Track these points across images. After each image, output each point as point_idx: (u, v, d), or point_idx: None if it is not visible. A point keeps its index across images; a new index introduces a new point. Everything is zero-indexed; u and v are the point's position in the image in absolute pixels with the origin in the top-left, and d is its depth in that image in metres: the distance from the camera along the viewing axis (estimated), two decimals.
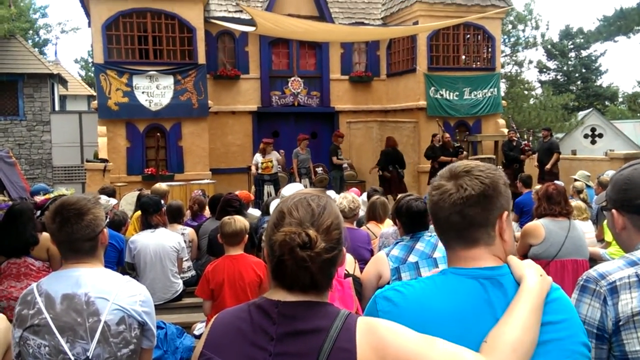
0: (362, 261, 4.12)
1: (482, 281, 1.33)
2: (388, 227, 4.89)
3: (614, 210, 1.61)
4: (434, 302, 1.32)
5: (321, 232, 1.27)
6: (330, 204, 1.35)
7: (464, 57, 15.01)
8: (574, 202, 5.23)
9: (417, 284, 1.38)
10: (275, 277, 1.31)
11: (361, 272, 3.61)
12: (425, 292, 1.35)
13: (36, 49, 23.86)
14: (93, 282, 2.07)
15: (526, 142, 13.22)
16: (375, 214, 5.17)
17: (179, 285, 5.13)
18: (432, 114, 14.26)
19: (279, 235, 1.27)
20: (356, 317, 1.29)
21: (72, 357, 1.97)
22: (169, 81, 12.83)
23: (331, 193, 7.33)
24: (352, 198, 4.80)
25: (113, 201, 7.07)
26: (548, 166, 11.48)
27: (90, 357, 1.98)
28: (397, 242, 3.33)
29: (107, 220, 2.29)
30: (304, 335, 1.25)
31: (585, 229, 5.05)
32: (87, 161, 12.61)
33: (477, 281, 1.33)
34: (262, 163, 11.19)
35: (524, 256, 4.43)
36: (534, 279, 1.30)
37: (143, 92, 12.70)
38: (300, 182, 11.00)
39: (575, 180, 8.25)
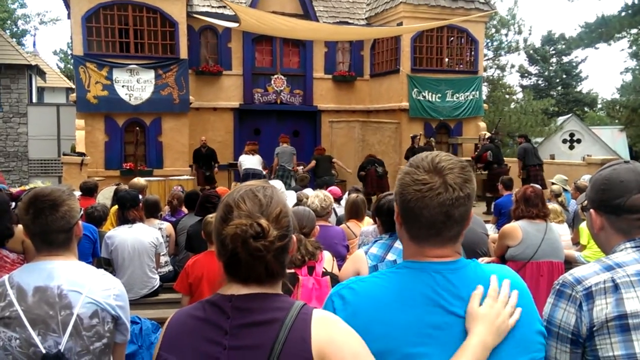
0: (339, 258, 4.13)
1: (434, 275, 1.35)
2: (368, 225, 4.90)
3: (592, 211, 1.61)
4: (385, 297, 1.34)
5: (271, 221, 1.28)
6: (276, 193, 1.36)
7: (447, 59, 15.14)
8: (551, 205, 5.29)
9: (369, 280, 1.40)
10: (229, 271, 1.31)
11: (339, 268, 3.61)
12: (377, 287, 1.36)
13: (14, 40, 23.45)
14: (66, 274, 2.04)
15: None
16: (355, 212, 5.18)
17: (156, 281, 5.07)
18: (414, 116, 14.36)
19: (229, 228, 1.26)
20: (312, 308, 1.30)
21: (44, 350, 1.94)
22: (149, 75, 12.71)
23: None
24: (323, 196, 4.82)
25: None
26: (519, 173, 11.54)
27: (62, 350, 1.95)
28: (376, 241, 3.33)
29: (81, 212, 2.24)
30: (259, 326, 1.25)
31: (561, 232, 5.11)
32: (64, 154, 12.43)
33: (430, 274, 1.35)
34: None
35: (501, 257, 4.48)
36: (479, 337, 1.28)
37: (123, 86, 12.56)
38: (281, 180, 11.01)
39: (553, 183, 8.36)
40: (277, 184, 6.54)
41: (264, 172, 11.65)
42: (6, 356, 1.96)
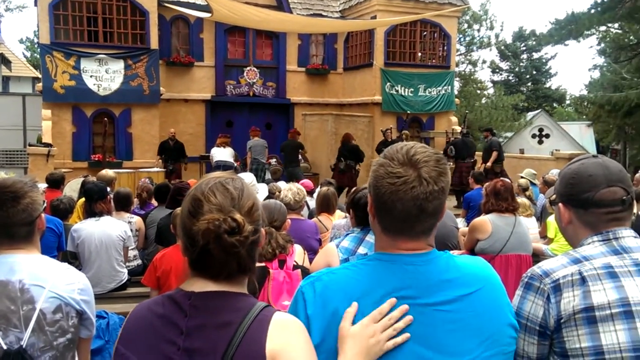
0: (311, 251, 4.12)
1: (405, 267, 1.34)
2: (339, 218, 4.90)
3: (560, 204, 1.63)
4: (355, 288, 1.33)
5: (244, 214, 1.24)
6: (245, 185, 1.31)
7: (420, 54, 15.23)
8: (520, 199, 5.37)
9: (340, 271, 1.39)
10: (197, 267, 1.26)
11: (310, 262, 3.60)
12: (347, 279, 1.35)
13: None
14: (28, 268, 1.98)
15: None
16: (326, 205, 5.17)
17: (124, 275, 4.99)
18: (387, 109, 14.43)
19: (200, 223, 1.20)
20: (274, 311, 1.26)
21: (5, 346, 1.88)
22: (119, 65, 12.47)
23: (246, 175, 7.14)
24: (297, 190, 4.80)
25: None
26: (488, 164, 11.76)
27: (24, 346, 1.89)
28: (348, 234, 3.33)
29: (45, 205, 2.18)
30: (214, 328, 1.21)
31: (529, 225, 5.19)
32: (30, 145, 12.13)
33: (401, 266, 1.34)
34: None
35: (471, 250, 4.53)
36: (345, 358, 1.25)
37: (91, 76, 12.30)
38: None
39: (521, 177, 8.50)
40: (248, 176, 6.48)
41: (236, 165, 11.57)
42: None
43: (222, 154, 11.57)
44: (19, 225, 2.00)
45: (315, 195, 7.87)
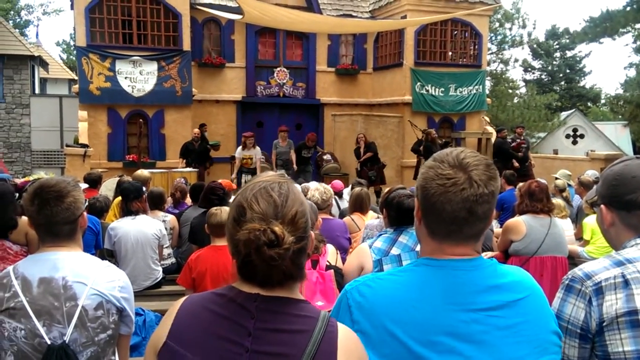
0: (342, 250, 4.13)
1: (453, 272, 1.33)
2: (372, 218, 4.90)
3: (602, 206, 1.60)
4: (403, 295, 1.32)
5: (287, 223, 1.20)
6: (292, 189, 1.26)
7: (450, 53, 15.07)
8: (554, 200, 5.28)
9: (386, 277, 1.38)
10: (243, 274, 1.24)
11: (342, 261, 3.61)
12: (394, 285, 1.34)
13: (17, 30, 23.40)
14: (71, 266, 2.03)
15: (520, 139, 13.27)
16: (360, 205, 5.18)
17: (159, 273, 5.07)
18: (417, 109, 14.31)
19: (242, 233, 1.18)
20: (335, 321, 1.25)
21: (49, 341, 1.93)
22: (152, 67, 12.67)
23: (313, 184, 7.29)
24: (323, 189, 4.82)
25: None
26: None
27: (67, 341, 1.94)
28: (381, 234, 3.32)
29: (87, 203, 2.24)
30: (287, 333, 1.19)
31: (564, 227, 5.10)
32: (67, 146, 12.41)
33: (449, 272, 1.33)
34: (242, 159, 11.48)
35: (504, 252, 4.48)
36: None
37: (126, 78, 12.53)
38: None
39: (557, 178, 8.34)
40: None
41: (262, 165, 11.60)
42: (11, 346, 1.96)
43: (255, 154, 11.68)
44: (62, 223, 2.06)
45: (345, 195, 7.90)
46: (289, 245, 1.18)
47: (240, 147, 11.60)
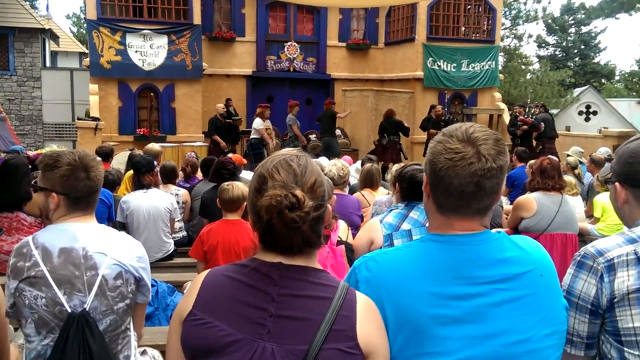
0: (353, 227, 4.15)
1: (460, 247, 1.34)
2: (382, 194, 4.91)
3: (617, 183, 1.60)
4: (410, 268, 1.34)
5: (306, 191, 1.25)
6: (310, 162, 1.33)
7: (463, 28, 14.86)
8: (565, 177, 5.26)
9: (394, 252, 1.40)
10: (265, 242, 1.30)
11: (353, 237, 3.63)
12: (401, 259, 1.37)
13: (27, 3, 23.32)
14: (90, 236, 2.08)
15: (522, 116, 13.14)
16: (370, 181, 5.18)
17: (171, 245, 5.14)
18: (429, 85, 14.20)
19: (264, 200, 1.23)
20: (355, 290, 1.31)
21: (69, 309, 1.99)
22: (162, 41, 12.63)
23: (323, 160, 7.32)
24: (341, 165, 4.81)
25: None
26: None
27: (87, 309, 1.99)
28: (391, 210, 3.34)
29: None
30: (309, 299, 1.25)
31: (575, 204, 5.10)
32: (79, 119, 12.48)
33: (456, 247, 1.35)
34: (266, 129, 11.28)
35: (514, 229, 4.49)
36: None
37: (136, 51, 12.50)
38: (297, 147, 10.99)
39: (568, 155, 8.29)
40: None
41: (252, 138, 11.32)
42: (32, 314, 2.01)
43: (253, 125, 11.54)
44: (87, 192, 2.11)
45: (352, 171, 7.91)
46: (309, 209, 1.24)
47: (259, 119, 11.37)
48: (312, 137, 12.79)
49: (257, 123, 11.29)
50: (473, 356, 1.28)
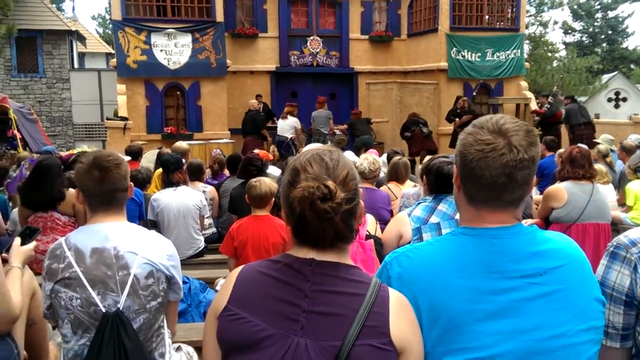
0: (382, 221, 4.14)
1: (491, 240, 1.33)
2: (409, 187, 4.89)
3: None
4: (441, 263, 1.33)
5: (339, 183, 1.26)
6: (342, 156, 1.34)
7: (487, 16, 14.63)
8: (596, 166, 5.16)
9: (425, 247, 1.39)
10: (298, 235, 1.30)
11: (382, 232, 3.63)
12: (433, 254, 1.36)
13: (54, 5, 23.74)
14: (121, 236, 2.11)
15: (538, 107, 12.94)
16: (397, 175, 5.17)
17: (201, 242, 5.20)
18: (453, 76, 14.03)
19: (297, 191, 1.24)
20: (387, 287, 1.31)
21: (104, 309, 2.02)
22: (187, 39, 12.74)
23: (349, 154, 7.32)
24: (372, 159, 4.80)
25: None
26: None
27: (121, 308, 2.03)
28: (419, 203, 3.33)
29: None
30: (341, 295, 1.25)
31: (606, 193, 5.00)
32: (108, 119, 12.68)
33: (488, 240, 1.33)
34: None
35: (545, 219, 4.43)
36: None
37: (161, 50, 12.64)
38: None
39: (598, 143, 8.13)
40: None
41: (289, 138, 11.58)
42: (67, 315, 2.05)
43: (282, 126, 11.68)
44: (121, 190, 2.16)
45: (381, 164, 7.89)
46: (341, 201, 1.24)
47: (294, 117, 11.74)
48: (337, 131, 12.79)
49: (296, 122, 11.66)
50: (508, 351, 1.27)
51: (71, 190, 4.51)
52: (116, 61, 12.65)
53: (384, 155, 7.78)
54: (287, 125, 11.65)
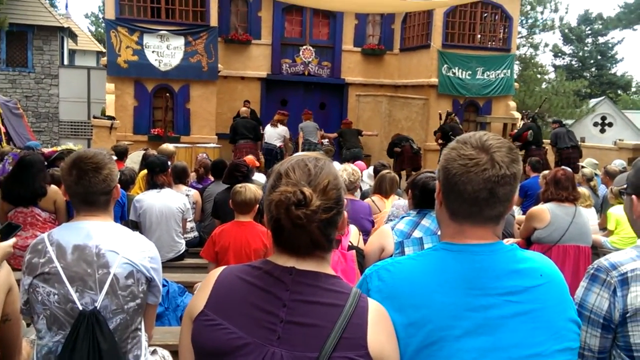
0: (364, 232, 4.15)
1: (472, 257, 1.33)
2: (400, 200, 4.91)
3: (634, 196, 1.59)
4: (422, 279, 1.33)
5: (318, 191, 1.24)
6: (328, 165, 1.32)
7: (479, 35, 14.81)
8: (579, 189, 5.22)
9: (406, 262, 1.39)
10: (276, 241, 1.29)
11: (364, 243, 3.63)
12: (414, 269, 1.35)
13: (47, 1, 23.58)
14: (104, 235, 2.09)
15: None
16: (382, 188, 5.18)
17: (182, 246, 5.16)
18: (443, 92, 14.16)
19: (274, 195, 1.24)
20: (367, 297, 1.30)
21: (81, 307, 2.00)
22: (179, 42, 12.71)
23: (335, 164, 7.31)
24: (352, 170, 4.82)
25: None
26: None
27: (98, 307, 2.00)
28: (403, 217, 3.33)
29: (119, 176, 2.30)
30: (320, 305, 1.24)
31: (588, 216, 5.05)
32: (94, 117, 12.59)
33: (468, 256, 1.33)
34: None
35: (527, 239, 4.46)
36: None
37: (153, 52, 12.60)
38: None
39: (583, 167, 8.22)
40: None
41: (278, 147, 11.51)
42: (44, 310, 2.03)
43: (271, 133, 11.63)
44: (99, 194, 2.12)
45: (365, 177, 7.90)
46: (316, 208, 1.22)
47: (283, 126, 11.68)
48: (325, 141, 12.81)
49: (285, 130, 11.59)
50: None
51: (53, 187, 4.46)
52: (107, 60, 12.59)
53: (371, 168, 7.80)
54: (276, 134, 11.61)
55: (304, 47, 14.92)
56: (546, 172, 4.83)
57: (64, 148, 6.68)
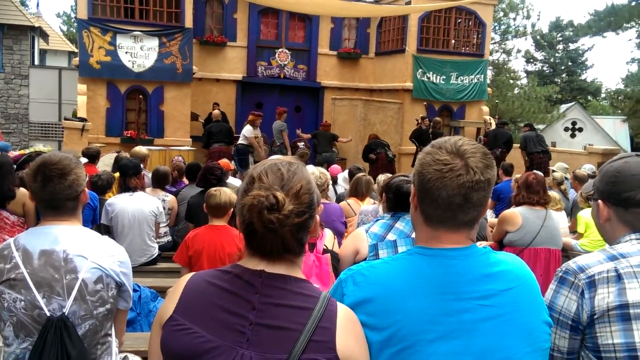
0: (337, 234, 4.16)
1: (446, 261, 1.34)
2: (367, 205, 4.92)
3: (600, 201, 1.62)
4: (397, 283, 1.33)
5: (290, 195, 1.25)
6: (301, 169, 1.33)
7: (453, 41, 14.98)
8: (550, 193, 5.31)
9: (380, 266, 1.39)
10: (248, 244, 1.30)
11: (339, 245, 3.63)
12: (388, 273, 1.36)
13: (17, 0, 23.13)
14: (72, 239, 2.05)
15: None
16: (357, 190, 5.20)
17: (155, 250, 5.11)
18: (418, 97, 14.29)
19: (247, 199, 1.25)
20: (336, 301, 1.30)
21: (48, 313, 1.96)
22: (153, 43, 12.56)
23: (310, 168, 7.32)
24: (319, 173, 4.82)
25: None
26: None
27: (66, 313, 1.96)
28: (378, 220, 3.35)
29: (87, 180, 2.25)
30: (290, 309, 1.25)
31: (559, 220, 5.14)
32: (66, 119, 12.33)
33: (442, 261, 1.35)
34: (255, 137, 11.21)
35: (499, 242, 4.52)
36: None
37: (126, 52, 12.43)
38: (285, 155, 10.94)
39: (553, 171, 8.37)
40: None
41: (245, 144, 11.19)
42: (10, 317, 1.98)
43: (243, 132, 11.42)
44: (64, 199, 2.07)
45: (340, 180, 7.92)
46: (289, 213, 1.23)
47: (249, 126, 11.25)
48: (301, 144, 12.78)
49: (248, 130, 11.21)
50: None
51: (22, 190, 4.36)
52: (79, 60, 12.36)
53: (346, 171, 7.82)
54: (244, 131, 11.36)
55: (280, 49, 14.90)
56: (518, 176, 4.91)
57: (32, 150, 6.53)
